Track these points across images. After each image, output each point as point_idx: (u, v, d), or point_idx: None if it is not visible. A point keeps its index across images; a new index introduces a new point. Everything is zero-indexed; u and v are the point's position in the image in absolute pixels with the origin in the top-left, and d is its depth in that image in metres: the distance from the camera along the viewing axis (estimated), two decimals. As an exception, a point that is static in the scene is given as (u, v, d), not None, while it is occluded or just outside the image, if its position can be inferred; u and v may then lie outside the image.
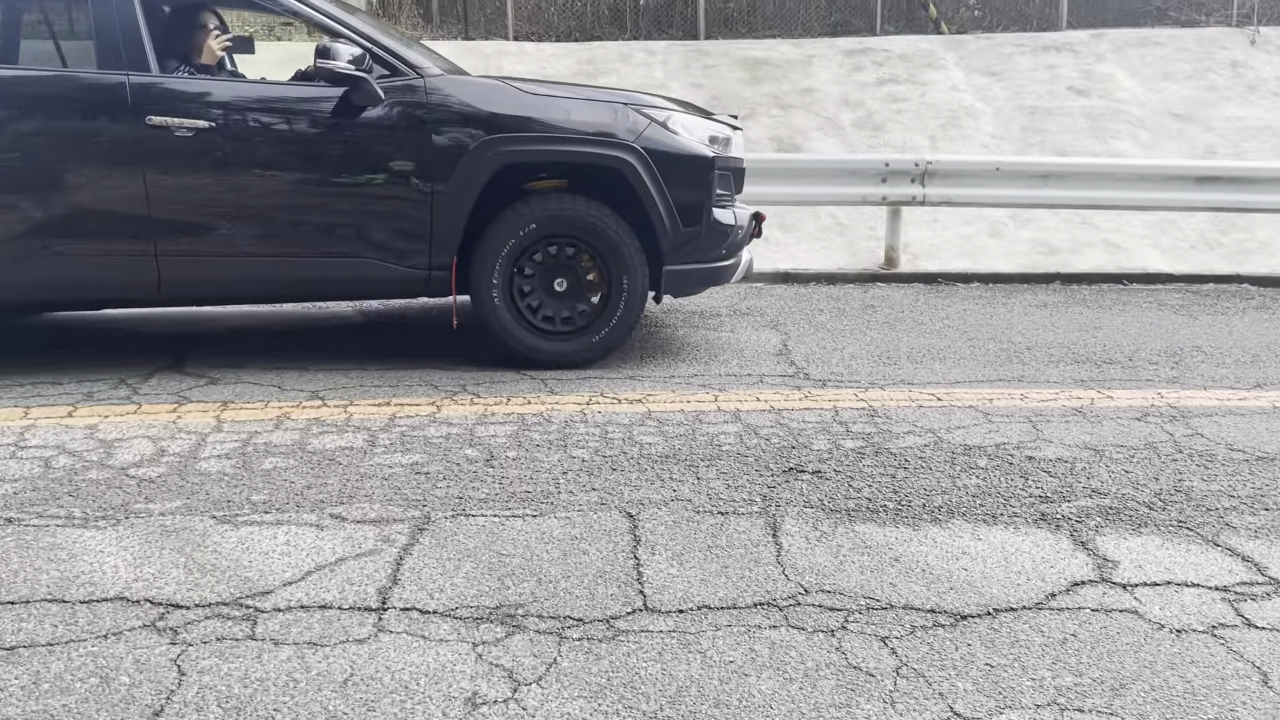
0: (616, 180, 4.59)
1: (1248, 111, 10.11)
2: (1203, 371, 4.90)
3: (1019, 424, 4.00)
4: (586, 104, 4.64)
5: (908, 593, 2.58)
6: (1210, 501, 3.24)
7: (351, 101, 4.41)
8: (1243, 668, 2.27)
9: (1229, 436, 3.89)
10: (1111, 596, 2.59)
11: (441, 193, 4.48)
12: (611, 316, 4.70)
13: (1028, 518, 3.08)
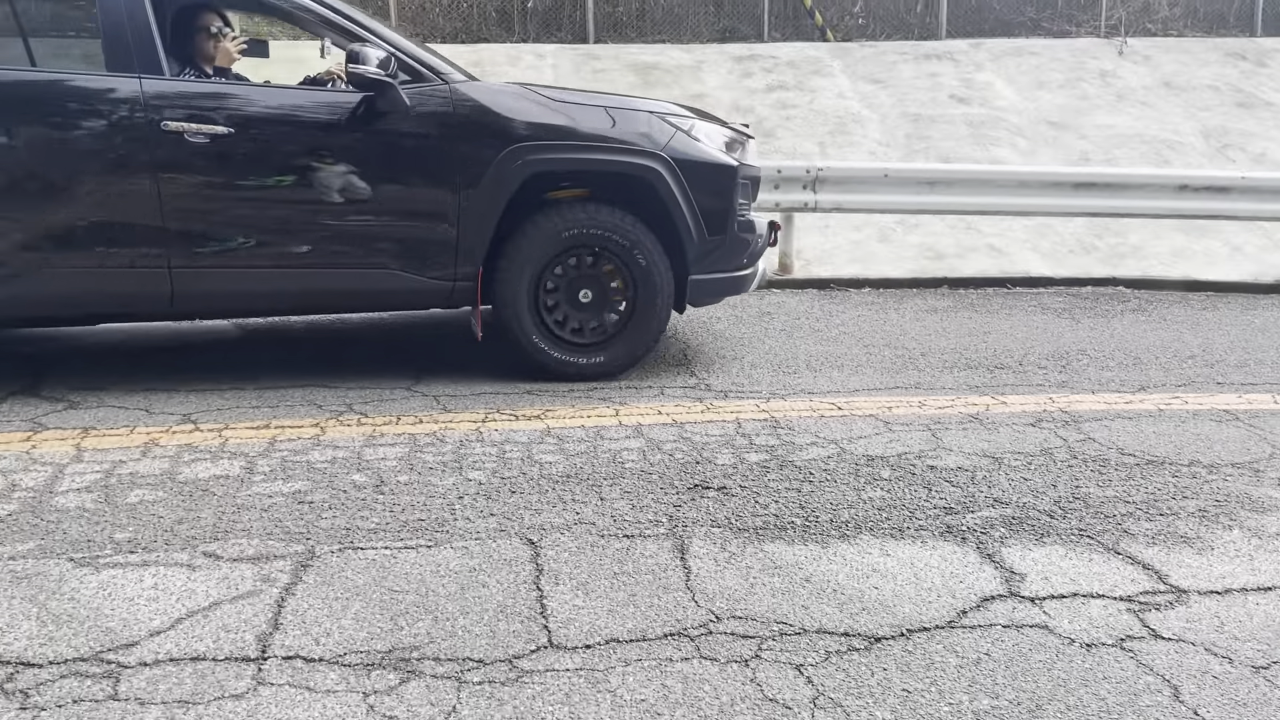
0: (641, 189, 4.51)
1: (1117, 119, 10.54)
2: (1090, 375, 5.01)
3: (919, 432, 4.00)
4: (612, 112, 4.57)
5: (820, 615, 2.51)
6: (1107, 508, 3.27)
7: (376, 108, 4.24)
8: (1154, 682, 2.26)
9: (1119, 440, 3.97)
10: (1021, 611, 2.57)
11: (468, 202, 4.33)
12: (638, 327, 4.62)
13: (934, 530, 3.05)
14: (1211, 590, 2.71)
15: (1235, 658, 2.37)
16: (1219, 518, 3.21)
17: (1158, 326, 6.36)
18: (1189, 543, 3.01)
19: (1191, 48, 12.03)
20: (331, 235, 4.28)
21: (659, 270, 4.57)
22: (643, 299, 4.59)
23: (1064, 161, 9.76)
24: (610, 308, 4.62)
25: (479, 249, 4.39)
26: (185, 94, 4.18)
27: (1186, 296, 7.68)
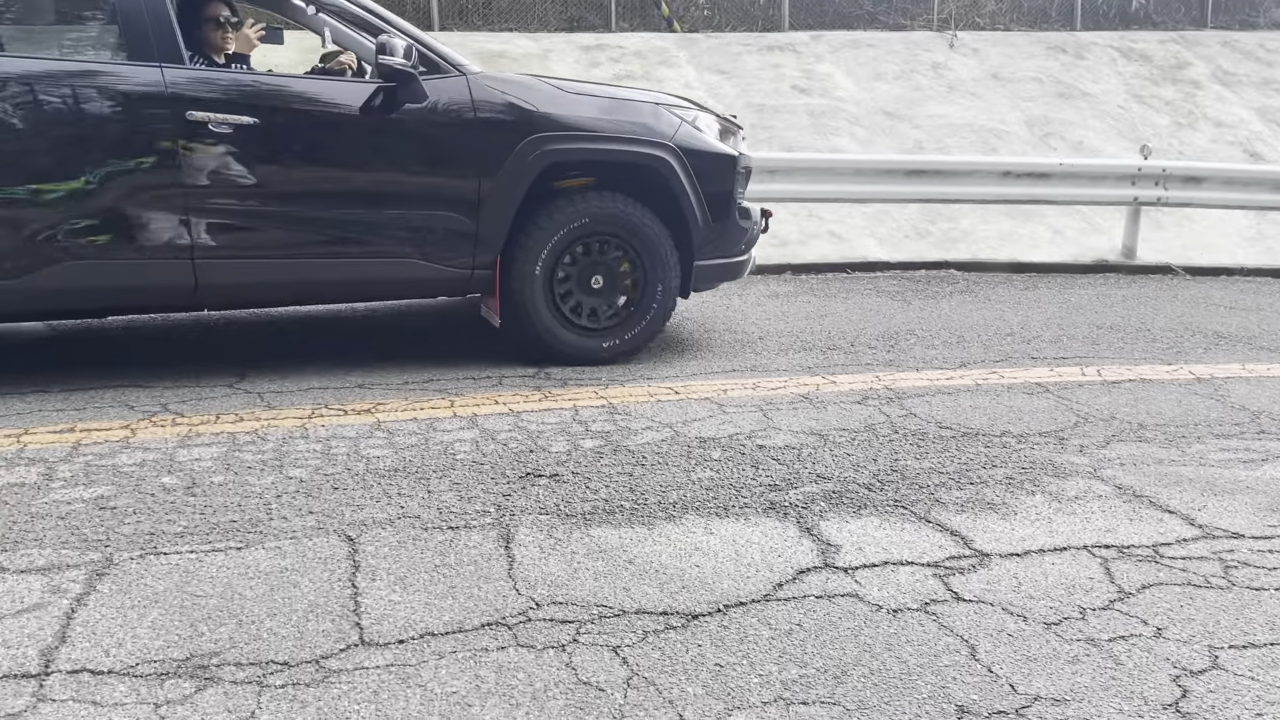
0: (649, 178, 4.66)
1: (949, 110, 11.01)
2: (916, 354, 5.22)
3: (751, 413, 4.08)
4: (623, 104, 4.72)
5: (641, 596, 2.52)
6: (922, 479, 3.41)
7: (398, 99, 4.28)
8: (953, 642, 2.36)
9: (939, 415, 4.14)
10: (834, 581, 2.64)
11: (488, 191, 4.40)
12: (647, 310, 4.77)
13: (758, 508, 3.12)
14: (1012, 553, 2.85)
15: (1030, 615, 2.50)
16: (1024, 484, 3.39)
17: (982, 306, 6.68)
18: (995, 509, 3.17)
19: (1017, 41, 12.67)
20: (353, 225, 4.31)
21: (667, 256, 4.72)
22: (652, 284, 4.73)
23: (899, 150, 10.14)
24: (621, 293, 4.75)
25: (497, 238, 4.47)
26: (210, 84, 4.14)
27: (1011, 278, 8.10)
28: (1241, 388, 4.71)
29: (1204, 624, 2.47)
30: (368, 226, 4.33)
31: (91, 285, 4.10)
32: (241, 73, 4.48)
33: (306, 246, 4.29)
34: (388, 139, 4.33)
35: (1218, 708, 2.12)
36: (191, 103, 4.05)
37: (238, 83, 4.23)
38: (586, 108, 4.60)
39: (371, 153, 4.33)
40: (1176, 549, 2.90)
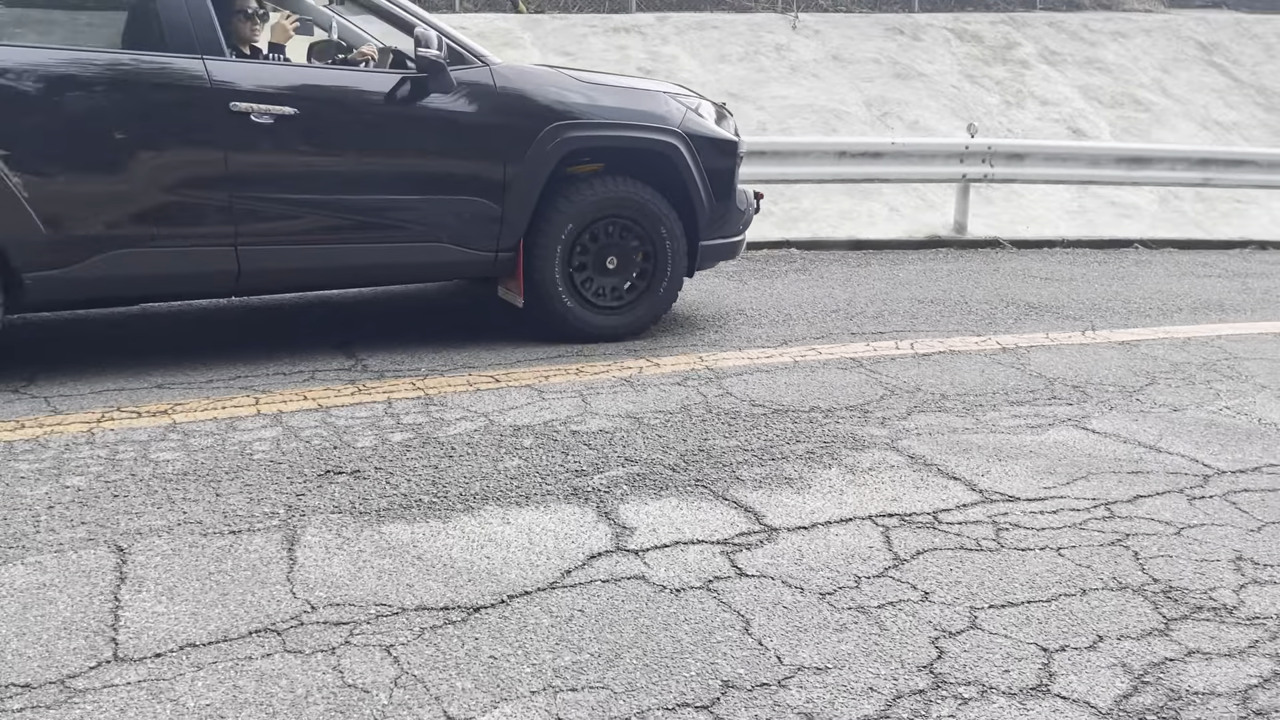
0: (659, 163, 4.91)
1: (791, 91, 11.24)
2: (742, 333, 5.31)
3: (570, 399, 4.08)
4: (634, 92, 5.02)
5: (424, 592, 2.49)
6: (727, 457, 3.47)
7: (428, 89, 4.45)
8: (729, 618, 2.41)
9: (753, 393, 4.22)
10: (623, 564, 2.66)
11: (512, 177, 4.60)
12: (659, 288, 5.04)
13: (560, 494, 3.12)
14: (800, 526, 2.93)
15: (807, 587, 2.57)
16: (823, 458, 3.49)
17: (814, 284, 6.85)
18: (791, 483, 3.25)
19: (857, 23, 13.02)
20: (387, 211, 4.48)
21: (676, 237, 5.00)
22: (662, 263, 5.01)
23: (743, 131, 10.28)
24: (634, 273, 4.99)
25: (521, 221, 4.69)
26: (252, 75, 4.24)
27: (847, 255, 8.33)
28: (1042, 355, 4.97)
29: (969, 586, 2.59)
30: (401, 212, 4.51)
31: (138, 273, 4.17)
32: (281, 64, 4.64)
33: (343, 232, 4.44)
34: (419, 128, 4.51)
35: (968, 666, 2.23)
36: (234, 94, 4.14)
37: (277, 74, 4.36)
38: (602, 96, 4.85)
39: (403, 141, 4.50)
40: (955, 514, 3.04)
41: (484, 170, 4.58)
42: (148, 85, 4.05)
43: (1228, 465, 3.49)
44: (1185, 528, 2.97)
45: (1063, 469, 3.43)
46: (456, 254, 4.64)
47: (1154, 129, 12.11)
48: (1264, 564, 2.75)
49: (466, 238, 4.62)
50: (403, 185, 4.49)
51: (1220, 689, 2.14)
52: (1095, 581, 2.62)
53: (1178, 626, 2.40)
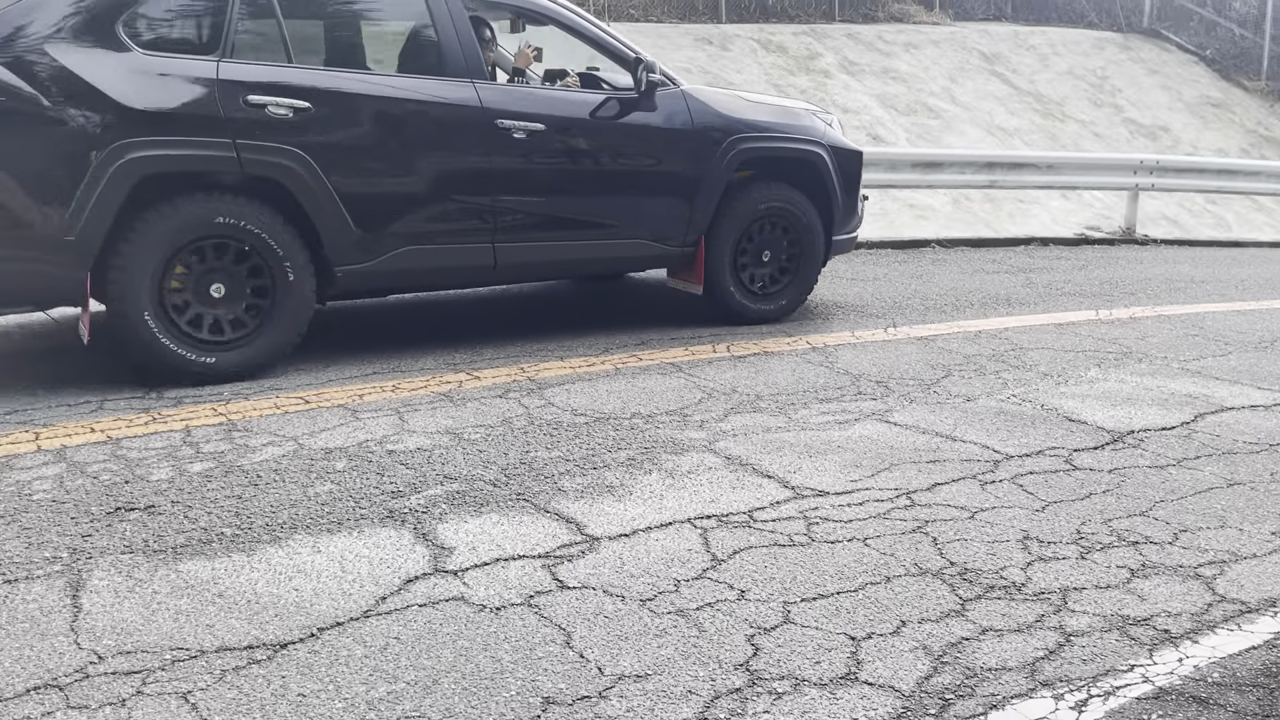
0: (806, 170, 5.72)
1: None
2: (564, 342, 5.29)
3: (386, 417, 3.96)
4: (787, 110, 5.92)
5: (225, 632, 2.35)
6: (549, 469, 3.45)
7: (639, 107, 5.19)
8: (550, 633, 2.39)
9: (575, 402, 4.22)
10: (442, 586, 2.60)
11: (700, 183, 5.34)
12: (805, 278, 5.87)
13: (375, 518, 3.02)
14: (621, 534, 2.95)
15: (628, 595, 2.58)
16: (643, 464, 3.52)
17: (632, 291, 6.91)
18: (612, 491, 3.26)
19: (667, 33, 13.26)
20: (606, 212, 5.22)
21: (818, 233, 5.77)
22: (807, 256, 5.80)
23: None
24: (783, 264, 5.76)
25: (704, 220, 5.42)
26: (512, 97, 4.97)
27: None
28: (849, 353, 5.19)
29: (782, 582, 2.67)
30: (616, 213, 5.24)
31: (419, 267, 4.79)
32: (532, 87, 5.45)
33: (572, 230, 5.15)
34: (632, 141, 5.25)
35: (783, 660, 2.29)
36: (498, 113, 4.82)
37: (530, 95, 5.14)
38: (765, 113, 5.68)
39: (620, 152, 5.24)
40: (769, 512, 3.12)
41: (679, 177, 5.33)
42: (433, 106, 4.71)
43: (1015, 450, 3.74)
44: (978, 511, 3.16)
45: (868, 462, 3.59)
46: (654, 249, 5.39)
47: (945, 135, 12.89)
48: (1048, 541, 2.96)
49: (663, 234, 5.36)
50: (618, 190, 5.25)
51: (1011, 663, 2.28)
52: (898, 569, 2.75)
53: (973, 606, 2.55)
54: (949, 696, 2.15)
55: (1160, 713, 2.10)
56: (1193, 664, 2.29)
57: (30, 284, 4.10)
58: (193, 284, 4.28)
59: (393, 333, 5.44)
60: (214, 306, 4.32)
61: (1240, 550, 2.92)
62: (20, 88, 3.93)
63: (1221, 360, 5.18)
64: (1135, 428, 4.02)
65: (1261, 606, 2.58)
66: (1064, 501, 3.25)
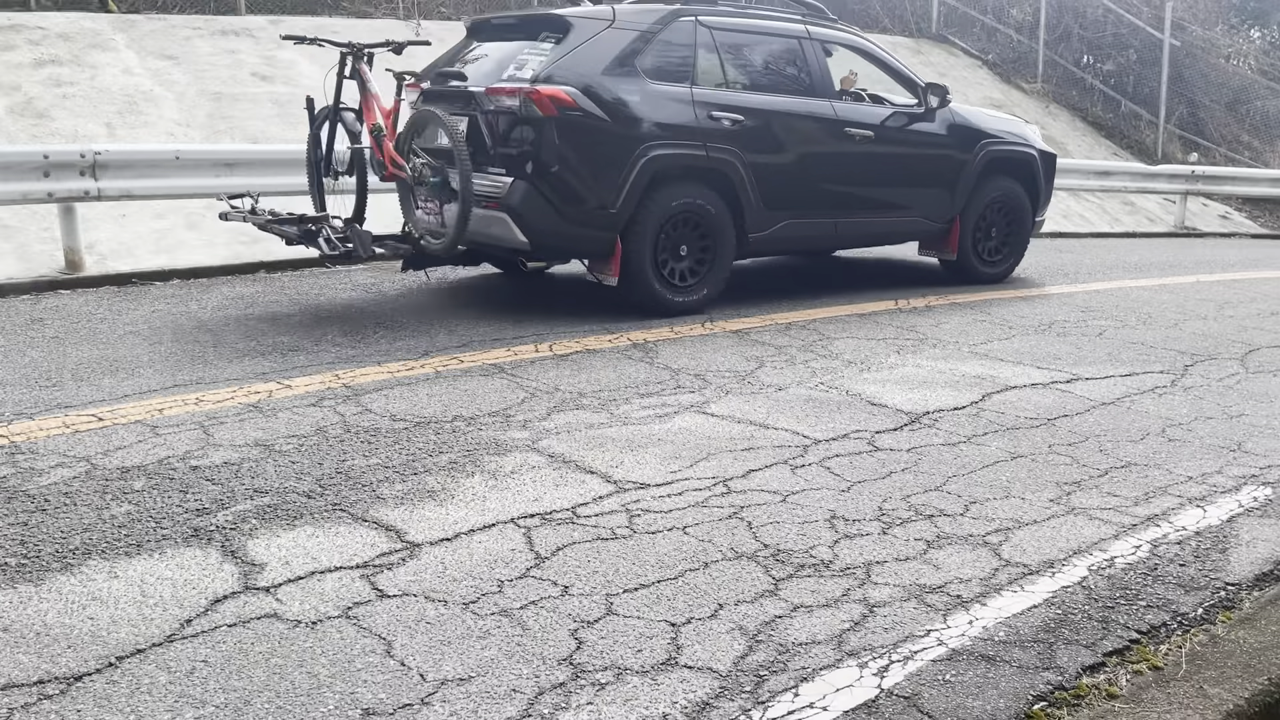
0: (1022, 167, 7.48)
1: (420, 99, 11.12)
2: (382, 346, 5.18)
3: (190, 432, 3.77)
4: (1008, 119, 7.95)
5: (11, 668, 2.19)
6: (367, 477, 3.37)
7: (924, 119, 6.97)
8: (370, 643, 2.34)
9: (395, 408, 4.14)
10: (253, 605, 2.50)
11: (960, 175, 7.11)
12: (1018, 248, 7.71)
13: (178, 538, 2.87)
14: (443, 538, 2.91)
15: (450, 599, 2.56)
16: (466, 466, 3.49)
17: (455, 293, 6.83)
18: (434, 496, 3.22)
19: (480, 33, 13.14)
20: (900, 196, 6.99)
21: (1029, 214, 7.62)
22: (1021, 232, 7.65)
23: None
24: (1004, 239, 7.57)
25: (960, 205, 7.19)
26: (852, 109, 6.73)
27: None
28: (669, 348, 5.30)
29: (605, 575, 2.71)
30: (909, 197, 7.03)
31: (792, 236, 6.57)
32: (861, 104, 6.97)
33: (879, 210, 6.94)
34: (919, 144, 6.99)
35: (605, 651, 2.33)
36: (847, 123, 6.58)
37: (862, 109, 6.83)
38: (997, 123, 7.58)
39: (913, 153, 6.98)
40: (592, 507, 3.16)
41: (947, 171, 7.09)
42: (807, 118, 6.45)
43: (823, 435, 3.92)
44: (789, 495, 3.30)
45: (687, 453, 3.68)
46: (927, 225, 7.16)
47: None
48: (853, 519, 3.12)
49: (934, 214, 7.13)
50: (911, 180, 6.99)
51: (820, 637, 2.40)
52: (716, 554, 2.85)
53: (785, 585, 2.67)
54: (763, 673, 2.24)
55: (953, 672, 2.26)
56: (981, 625, 2.47)
57: (583, 242, 5.94)
58: (669, 245, 6.01)
59: (195, 343, 5.17)
60: (679, 261, 6.08)
61: (1023, 518, 3.17)
62: (590, 107, 5.67)
63: (1006, 343, 5.60)
64: (930, 409, 4.30)
65: (1041, 568, 2.81)
66: (867, 481, 3.44)
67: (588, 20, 5.93)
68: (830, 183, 6.57)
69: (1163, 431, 4.08)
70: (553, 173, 5.62)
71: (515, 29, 6.34)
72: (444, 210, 5.75)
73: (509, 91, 5.63)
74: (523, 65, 5.81)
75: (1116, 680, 2.26)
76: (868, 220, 6.91)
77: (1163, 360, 5.32)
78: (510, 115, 5.65)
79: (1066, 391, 4.63)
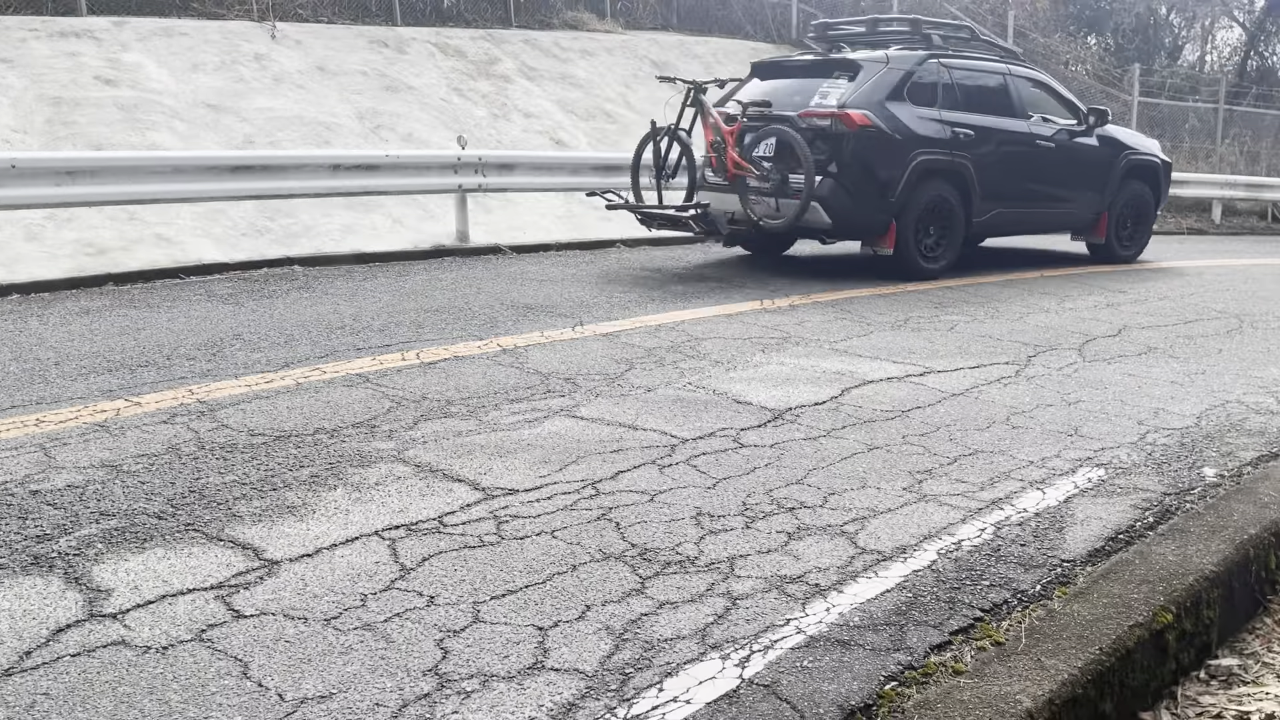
0: (1150, 174, 9.95)
1: (277, 102, 10.80)
2: (238, 360, 5.01)
3: (29, 454, 3.57)
4: (1138, 135, 10.44)
5: None
6: (223, 494, 3.26)
7: (1085, 135, 9.35)
8: (226, 666, 2.27)
9: (252, 422, 4.01)
10: (99, 632, 2.39)
11: (1108, 178, 9.54)
12: (1145, 236, 10.27)
13: (16, 566, 2.72)
14: (303, 554, 2.84)
15: (311, 616, 2.50)
16: (328, 480, 3.42)
17: (318, 301, 6.67)
18: (294, 511, 3.14)
19: (340, 34, 12.85)
20: (1066, 192, 9.28)
21: (1152, 210, 10.10)
22: (1146, 224, 10.16)
23: (228, 145, 9.71)
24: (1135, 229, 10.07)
25: (1107, 202, 9.58)
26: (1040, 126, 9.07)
27: (353, 269, 8.22)
28: (539, 353, 5.30)
29: (472, 583, 2.69)
30: (1073, 195, 9.35)
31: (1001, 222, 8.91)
32: (1046, 123, 9.10)
33: (1057, 203, 9.29)
34: (1081, 154, 9.27)
35: (472, 660, 2.32)
36: (1038, 137, 8.93)
37: (1045, 126, 9.05)
38: (1132, 138, 10.00)
39: (1074, 159, 9.21)
40: (459, 515, 3.14)
41: (1099, 175, 9.46)
42: (1011, 133, 8.71)
43: (690, 434, 3.99)
44: (657, 494, 3.35)
45: (556, 457, 3.69)
46: (1083, 216, 9.56)
47: (623, 139, 13.43)
48: (718, 515, 3.19)
49: (1088, 208, 9.51)
50: (1075, 181, 9.29)
51: (685, 631, 2.45)
52: (584, 556, 2.86)
53: (652, 583, 2.70)
54: (629, 670, 2.27)
55: (810, 658, 2.34)
56: (838, 612, 2.56)
57: (869, 224, 8.03)
58: (923, 226, 8.21)
59: (35, 361, 4.90)
60: (928, 238, 8.28)
61: (878, 506, 3.30)
62: (879, 125, 7.85)
63: (864, 340, 5.81)
64: (793, 405, 4.42)
65: (894, 554, 2.93)
66: (732, 477, 3.52)
67: (871, 63, 8.22)
68: (1025, 181, 8.88)
69: (1007, 419, 4.30)
70: (852, 173, 7.83)
71: (806, 69, 8.59)
72: (779, 201, 7.94)
73: (821, 114, 7.89)
74: (826, 95, 8.05)
75: (962, 657, 2.38)
76: (1046, 211, 9.33)
77: (1008, 352, 5.62)
78: (821, 131, 7.85)
79: (919, 384, 4.84)
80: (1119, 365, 5.39)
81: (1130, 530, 3.17)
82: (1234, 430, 4.28)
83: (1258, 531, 3.09)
